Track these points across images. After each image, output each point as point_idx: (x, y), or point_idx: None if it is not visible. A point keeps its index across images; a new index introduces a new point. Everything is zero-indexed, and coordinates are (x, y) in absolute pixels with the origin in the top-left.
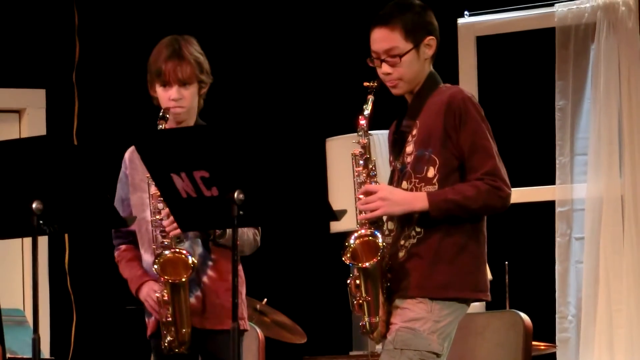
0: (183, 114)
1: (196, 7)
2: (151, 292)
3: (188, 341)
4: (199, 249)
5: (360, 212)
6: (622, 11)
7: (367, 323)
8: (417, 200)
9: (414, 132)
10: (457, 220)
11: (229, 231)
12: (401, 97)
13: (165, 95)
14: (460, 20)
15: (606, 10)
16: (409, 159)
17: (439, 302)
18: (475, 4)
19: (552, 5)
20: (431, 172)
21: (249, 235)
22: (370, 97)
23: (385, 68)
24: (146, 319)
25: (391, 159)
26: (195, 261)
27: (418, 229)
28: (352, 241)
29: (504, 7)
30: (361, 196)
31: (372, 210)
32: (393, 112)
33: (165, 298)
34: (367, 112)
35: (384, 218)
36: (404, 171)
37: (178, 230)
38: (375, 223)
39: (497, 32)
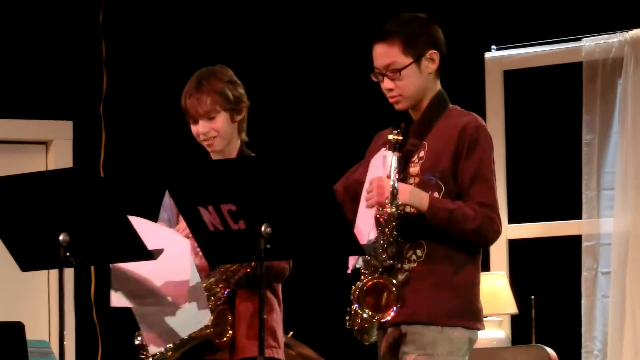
0: (218, 144)
1: (225, 37)
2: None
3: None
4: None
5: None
6: None
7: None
8: (422, 197)
9: (422, 153)
10: (456, 243)
11: None
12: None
13: (195, 132)
14: (487, 55)
15: (634, 44)
16: (412, 181)
17: (448, 327)
18: (503, 38)
19: (579, 39)
20: None
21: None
22: (395, 155)
23: (386, 83)
24: None
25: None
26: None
27: (419, 253)
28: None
29: (532, 41)
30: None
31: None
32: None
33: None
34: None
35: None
36: None
37: None
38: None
39: (524, 67)
